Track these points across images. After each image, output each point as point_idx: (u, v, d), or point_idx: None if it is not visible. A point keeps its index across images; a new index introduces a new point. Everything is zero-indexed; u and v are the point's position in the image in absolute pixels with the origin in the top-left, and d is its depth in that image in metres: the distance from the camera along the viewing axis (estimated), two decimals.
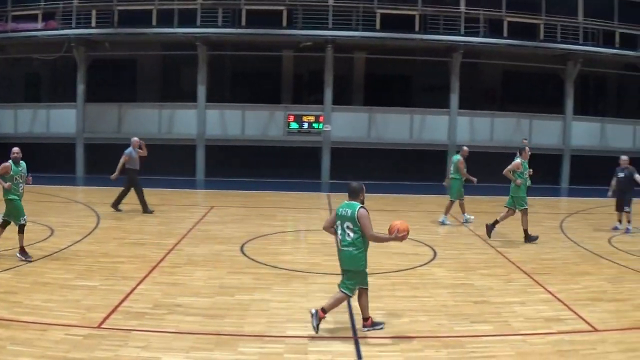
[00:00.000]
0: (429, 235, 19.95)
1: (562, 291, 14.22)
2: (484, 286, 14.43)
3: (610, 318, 12.64)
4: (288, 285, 13.72)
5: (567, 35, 33.80)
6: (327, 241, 18.10)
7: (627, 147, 35.56)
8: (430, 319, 11.84)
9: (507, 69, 37.47)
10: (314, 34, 31.36)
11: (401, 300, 12.93)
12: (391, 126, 33.51)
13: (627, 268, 17.06)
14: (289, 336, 10.73)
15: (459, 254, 17.62)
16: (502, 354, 10.43)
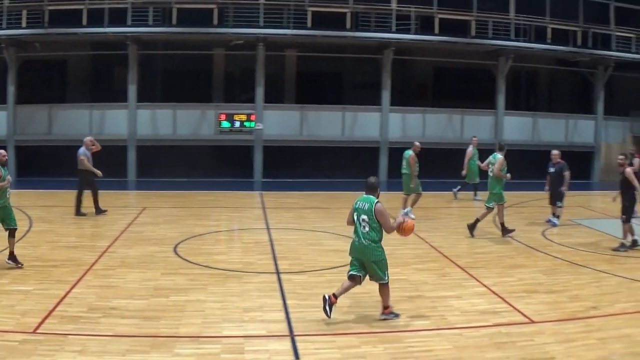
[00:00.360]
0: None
1: (497, 284, 14.38)
2: (419, 281, 14.54)
3: (546, 309, 12.86)
4: (223, 285, 13.62)
5: (499, 32, 34.08)
6: (261, 240, 18.17)
7: (559, 140, 36.15)
8: (366, 315, 11.88)
9: (438, 66, 37.67)
10: (245, 32, 31.17)
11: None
12: (323, 124, 33.49)
13: (562, 260, 17.37)
14: (225, 336, 10.66)
15: (393, 249, 17.49)
16: (439, 347, 10.53)
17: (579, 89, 42.02)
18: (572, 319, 12.43)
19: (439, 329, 11.42)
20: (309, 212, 23.34)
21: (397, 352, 10.23)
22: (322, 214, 23.14)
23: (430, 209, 24.82)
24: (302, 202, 25.56)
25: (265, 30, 30.94)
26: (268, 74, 32.84)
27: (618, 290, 14.81)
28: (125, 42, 31.29)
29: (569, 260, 17.37)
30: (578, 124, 38.46)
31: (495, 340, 10.98)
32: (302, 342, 10.45)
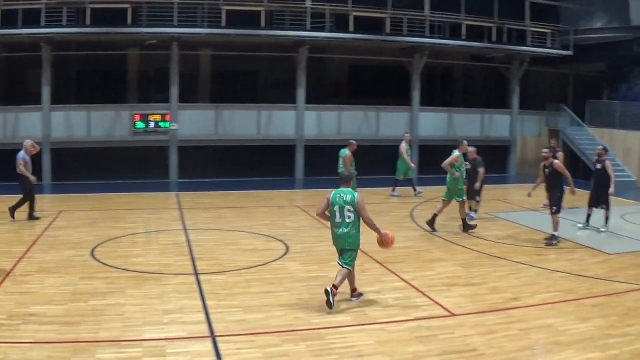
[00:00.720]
0: (280, 230, 19.98)
1: (417, 278, 14.53)
2: None
3: (466, 302, 13.09)
4: (141, 288, 13.47)
5: (414, 29, 34.30)
6: (178, 241, 18.06)
7: (475, 135, 36.66)
8: (286, 313, 11.91)
9: (353, 63, 37.90)
10: (159, 31, 30.80)
11: (256, 296, 12.94)
12: (238, 122, 33.29)
13: (480, 253, 17.68)
14: (146, 339, 10.56)
15: (310, 247, 17.72)
16: (361, 343, 10.60)
17: (495, 84, 42.62)
18: (493, 310, 12.67)
19: (360, 325, 11.49)
20: (225, 212, 23.26)
21: (319, 349, 10.27)
22: (239, 213, 23.09)
23: None
24: (219, 202, 25.46)
25: (179, 29, 30.66)
26: (182, 74, 32.59)
27: (537, 281, 15.15)
28: (38, 43, 30.76)
29: (487, 252, 17.69)
30: (494, 119, 39.09)
31: (416, 334, 11.10)
32: (223, 342, 10.40)
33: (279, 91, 35.51)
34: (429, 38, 34.73)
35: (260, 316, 11.69)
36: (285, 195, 27.93)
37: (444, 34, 35.40)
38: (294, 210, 24.00)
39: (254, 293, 13.19)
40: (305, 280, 14.27)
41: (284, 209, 24.01)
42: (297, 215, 22.89)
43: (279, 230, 19.93)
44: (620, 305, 13.35)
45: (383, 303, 12.81)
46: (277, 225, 20.90)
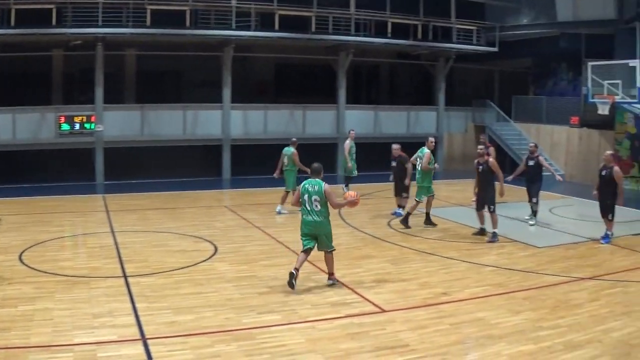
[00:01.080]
0: (209, 230, 19.95)
1: (347, 275, 14.63)
2: (268, 277, 14.66)
3: (396, 298, 13.26)
4: (70, 292, 13.29)
5: (339, 27, 34.46)
6: (106, 244, 17.92)
7: (401, 133, 37.09)
8: (217, 314, 11.91)
9: (279, 62, 37.93)
10: (84, 32, 30.36)
11: (186, 298, 12.90)
12: (164, 123, 33.02)
13: (409, 249, 17.91)
14: (77, 344, 10.44)
15: (239, 247, 17.73)
16: (292, 342, 10.66)
17: (421, 81, 43.10)
18: (423, 305, 12.86)
19: (291, 323, 11.55)
20: (153, 213, 23.11)
21: (250, 348, 10.29)
22: (166, 214, 22.97)
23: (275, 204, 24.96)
24: (146, 204, 25.26)
25: (104, 29, 30.29)
26: (108, 74, 32.22)
27: (467, 275, 15.41)
28: None
29: (416, 248, 17.95)
30: (420, 116, 39.53)
31: (348, 331, 11.21)
32: (155, 345, 10.37)
33: (205, 91, 35.30)
34: (354, 36, 34.92)
35: (190, 317, 11.67)
36: (212, 195, 27.85)
37: (369, 32, 35.60)
38: (222, 210, 23.98)
39: (184, 294, 13.14)
40: (235, 281, 14.24)
41: (211, 210, 23.96)
42: (225, 216, 22.86)
43: (207, 230, 19.89)
44: (551, 298, 13.66)
45: (313, 301, 12.87)
46: (205, 225, 20.83)
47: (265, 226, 20.60)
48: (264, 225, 20.69)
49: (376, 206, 24.69)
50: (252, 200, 26.20)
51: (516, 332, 11.50)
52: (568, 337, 11.33)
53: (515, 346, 10.83)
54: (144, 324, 11.29)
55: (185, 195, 27.40)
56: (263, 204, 25.14)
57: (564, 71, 39.91)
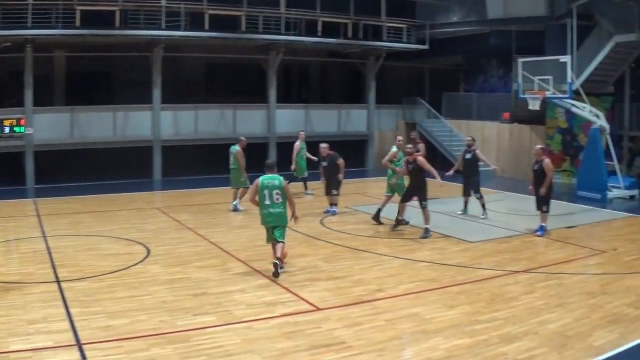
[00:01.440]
0: (141, 233, 19.73)
1: (280, 274, 14.63)
2: (202, 278, 14.60)
3: (330, 296, 13.34)
4: (4, 298, 13.06)
5: (269, 26, 34.44)
6: (38, 249, 17.67)
7: (332, 131, 37.31)
8: (151, 317, 11.82)
9: (209, 62, 37.81)
10: (13, 33, 29.95)
11: (120, 302, 12.77)
12: (94, 125, 32.52)
13: (342, 246, 17.98)
14: (12, 351, 10.27)
15: (172, 248, 17.60)
16: (228, 343, 10.64)
17: (351, 79, 43.33)
18: (358, 302, 12.95)
19: (227, 324, 11.52)
20: (84, 217, 22.80)
21: (186, 351, 10.25)
22: (98, 217, 22.69)
23: (207, 205, 24.90)
24: (77, 207, 24.88)
25: (33, 31, 29.86)
26: (37, 76, 31.73)
27: (400, 271, 15.58)
28: None
29: (349, 246, 18.04)
30: (351, 114, 39.73)
31: (283, 330, 11.24)
32: (90, 350, 10.25)
33: (135, 92, 34.95)
34: (284, 35, 34.93)
35: (125, 321, 11.56)
36: (144, 197, 27.61)
37: (299, 31, 35.63)
38: (154, 212, 23.78)
39: (118, 298, 13.01)
40: (168, 283, 14.14)
41: (143, 212, 23.77)
42: (157, 217, 22.67)
43: (139, 233, 19.68)
44: (486, 292, 13.88)
45: (248, 301, 12.85)
46: (137, 228, 20.63)
47: (198, 227, 20.51)
48: (196, 227, 20.60)
49: (309, 205, 24.76)
50: (183, 201, 26.08)
51: (452, 326, 11.64)
52: (504, 329, 11.51)
53: (451, 340, 10.95)
54: (79, 329, 11.15)
55: (116, 197, 27.14)
56: (195, 204, 25.11)
57: (495, 68, 40.44)
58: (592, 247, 18.64)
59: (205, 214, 23.14)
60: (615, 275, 15.59)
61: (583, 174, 28.97)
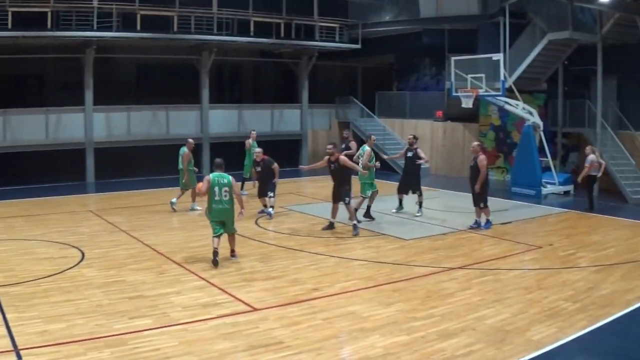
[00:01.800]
0: (75, 236, 19.48)
1: (216, 276, 14.67)
2: (137, 281, 14.52)
3: (267, 296, 13.38)
4: None
5: (202, 26, 34.30)
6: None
7: (266, 131, 37.25)
8: (88, 321, 11.70)
9: (142, 63, 37.46)
10: None
11: (56, 306, 12.63)
12: (27, 127, 31.98)
13: (278, 246, 18.06)
14: None
15: (106, 251, 17.43)
16: (165, 345, 10.60)
17: (284, 79, 43.34)
18: (295, 302, 13.02)
19: (163, 327, 11.46)
20: (17, 221, 22.43)
21: (124, 355, 10.19)
22: (31, 221, 22.37)
23: (141, 207, 24.76)
24: (10, 211, 24.46)
25: None
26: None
27: (336, 270, 15.70)
28: None
29: (285, 246, 18.15)
30: (284, 114, 39.84)
31: (221, 332, 11.25)
32: (28, 355, 10.15)
33: (67, 93, 34.53)
34: (217, 35, 34.82)
35: (61, 326, 11.44)
36: (77, 200, 27.26)
37: (232, 31, 35.54)
38: (88, 215, 23.51)
39: (54, 303, 12.86)
40: (104, 286, 14.02)
41: (77, 215, 23.48)
42: (91, 220, 22.41)
43: (73, 236, 19.44)
44: (422, 289, 14.06)
45: (184, 303, 12.83)
46: (71, 231, 20.35)
47: (132, 229, 20.38)
48: (130, 229, 20.46)
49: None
50: (117, 203, 25.85)
51: (389, 323, 11.78)
52: (442, 326, 11.67)
53: (388, 338, 11.08)
54: (16, 334, 11.02)
55: (49, 201, 26.81)
56: (129, 207, 24.94)
57: (427, 66, 40.83)
58: (527, 242, 18.99)
59: (139, 216, 22.96)
60: (552, 270, 15.89)
61: (517, 171, 29.37)
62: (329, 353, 10.50)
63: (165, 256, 16.80)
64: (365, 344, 10.84)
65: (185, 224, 21.18)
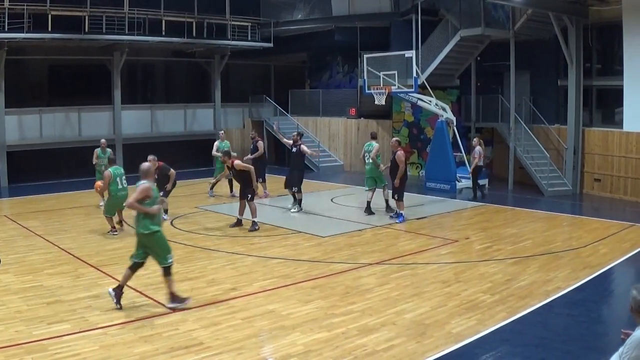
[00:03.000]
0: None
1: (133, 278, 14.36)
2: (54, 285, 14.29)
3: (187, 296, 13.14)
4: None
5: (113, 26, 33.90)
6: None
7: (179, 131, 37.42)
8: (7, 327, 11.48)
9: (53, 63, 36.90)
10: None
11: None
12: None
13: (194, 247, 18.03)
14: None
15: (22, 256, 17.13)
16: (86, 350, 10.45)
17: (197, 78, 43.11)
18: (213, 302, 13.00)
19: (82, 332, 11.30)
20: None
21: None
22: None
23: (55, 210, 24.43)
24: None
25: None
26: None
27: (254, 269, 15.71)
28: None
29: (201, 246, 18.11)
30: (197, 113, 39.75)
31: (140, 335, 11.15)
32: None
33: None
34: (128, 35, 34.45)
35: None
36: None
37: (143, 30, 35.25)
38: (1, 219, 23.04)
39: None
40: (21, 292, 13.77)
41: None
42: (5, 225, 21.97)
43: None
44: (340, 285, 14.16)
45: (102, 307, 12.66)
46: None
47: (47, 234, 20.05)
48: (45, 233, 20.13)
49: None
50: (31, 207, 25.42)
51: (309, 321, 11.84)
52: (362, 321, 11.77)
53: (309, 335, 11.14)
54: None
55: None
56: (43, 210, 24.54)
57: (340, 64, 40.99)
58: (443, 236, 19.30)
59: (53, 220, 22.62)
60: (469, 264, 16.14)
61: (431, 166, 29.71)
62: (249, 352, 10.49)
63: (81, 260, 16.59)
64: (286, 342, 10.88)
65: (100, 227, 20.94)
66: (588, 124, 29.43)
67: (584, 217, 23.65)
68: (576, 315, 12.43)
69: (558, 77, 31.00)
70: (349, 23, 37.92)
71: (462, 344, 10.79)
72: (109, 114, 36.37)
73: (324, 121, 39.06)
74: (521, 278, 14.80)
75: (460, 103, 34.43)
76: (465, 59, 33.21)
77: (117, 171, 19.56)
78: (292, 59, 44.71)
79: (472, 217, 23.30)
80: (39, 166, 33.33)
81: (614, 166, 27.69)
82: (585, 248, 18.02)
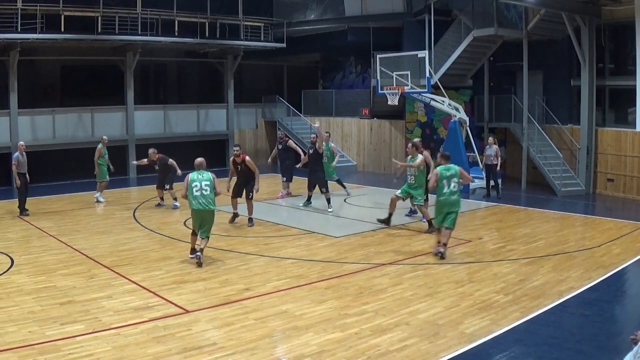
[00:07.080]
0: (3, 242, 19.11)
1: (146, 279, 14.55)
2: (68, 286, 14.29)
3: (199, 298, 13.32)
4: None
5: (126, 27, 33.95)
6: None
7: (192, 131, 37.55)
8: (20, 328, 11.50)
9: (66, 64, 36.95)
10: None
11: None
12: None
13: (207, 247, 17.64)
14: None
15: (36, 257, 17.17)
16: (98, 350, 10.45)
17: (210, 78, 43.17)
18: (227, 303, 12.98)
19: (96, 332, 11.30)
20: None
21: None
22: None
23: (68, 211, 24.46)
24: None
25: None
26: None
27: (267, 270, 15.71)
28: None
29: (214, 246, 17.93)
30: (209, 113, 39.74)
31: (154, 335, 11.14)
32: None
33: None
34: (141, 36, 34.51)
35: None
36: (4, 205, 26.63)
37: (156, 31, 35.28)
38: (15, 220, 23.05)
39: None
40: (35, 293, 13.79)
41: (4, 220, 23.03)
42: (19, 226, 21.98)
43: (1, 242, 19.06)
44: (354, 285, 14.15)
45: (115, 308, 12.68)
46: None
47: (60, 234, 20.09)
48: (58, 234, 20.18)
49: (170, 206, 24.60)
50: (44, 208, 25.48)
51: (322, 321, 11.83)
52: (375, 322, 11.77)
53: (322, 335, 11.14)
54: None
55: None
56: (56, 211, 24.61)
57: (353, 64, 40.99)
58: (457, 236, 19.11)
59: (66, 221, 22.67)
60: (482, 264, 16.13)
61: None
62: (263, 353, 10.49)
63: (95, 260, 16.60)
64: (300, 342, 10.88)
65: (113, 227, 20.99)
66: (601, 123, 29.40)
67: (597, 217, 23.62)
68: (589, 315, 12.42)
69: (571, 77, 30.96)
70: (361, 23, 37.93)
71: (475, 344, 10.78)
72: (122, 114, 36.42)
73: (337, 121, 39.09)
74: (534, 278, 14.80)
75: (473, 103, 34.39)
76: (478, 59, 33.17)
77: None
78: (305, 59, 44.71)
79: (485, 217, 23.29)
80: (52, 167, 33.38)
81: (627, 166, 27.65)
82: (598, 248, 18.01)
